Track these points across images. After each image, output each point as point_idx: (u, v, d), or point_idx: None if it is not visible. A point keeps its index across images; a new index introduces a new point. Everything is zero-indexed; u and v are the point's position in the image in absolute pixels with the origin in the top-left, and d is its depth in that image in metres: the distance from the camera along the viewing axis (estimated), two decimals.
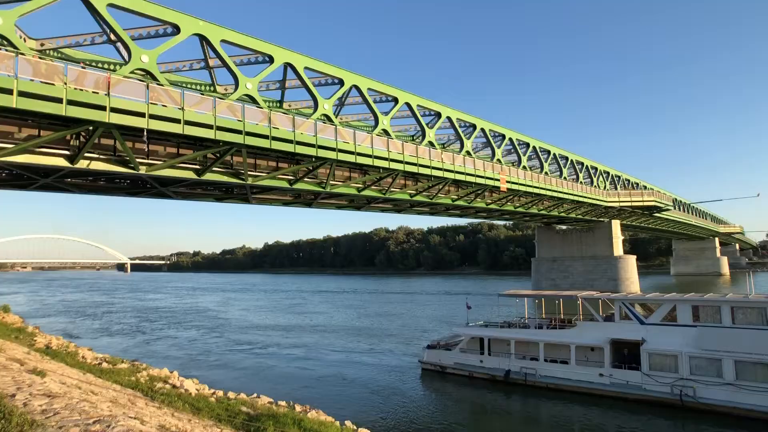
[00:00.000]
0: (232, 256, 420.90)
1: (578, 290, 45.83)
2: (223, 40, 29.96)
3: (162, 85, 26.21)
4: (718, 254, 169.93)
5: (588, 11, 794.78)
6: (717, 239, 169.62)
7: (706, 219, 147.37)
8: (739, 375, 24.08)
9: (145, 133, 25.26)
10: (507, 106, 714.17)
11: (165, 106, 25.60)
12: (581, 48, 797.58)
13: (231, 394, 20.20)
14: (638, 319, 28.82)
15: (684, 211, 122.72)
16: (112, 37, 27.00)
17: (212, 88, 36.44)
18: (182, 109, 26.05)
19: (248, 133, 28.96)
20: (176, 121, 25.83)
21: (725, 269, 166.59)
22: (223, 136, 27.89)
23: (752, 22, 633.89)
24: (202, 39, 29.54)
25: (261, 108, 30.71)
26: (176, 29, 28.13)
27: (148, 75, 26.47)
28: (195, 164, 30.86)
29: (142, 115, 24.47)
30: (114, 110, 23.40)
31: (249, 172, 33.08)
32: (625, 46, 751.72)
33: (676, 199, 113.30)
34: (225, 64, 30.35)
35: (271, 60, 32.81)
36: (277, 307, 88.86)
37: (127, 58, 26.09)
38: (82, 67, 24.39)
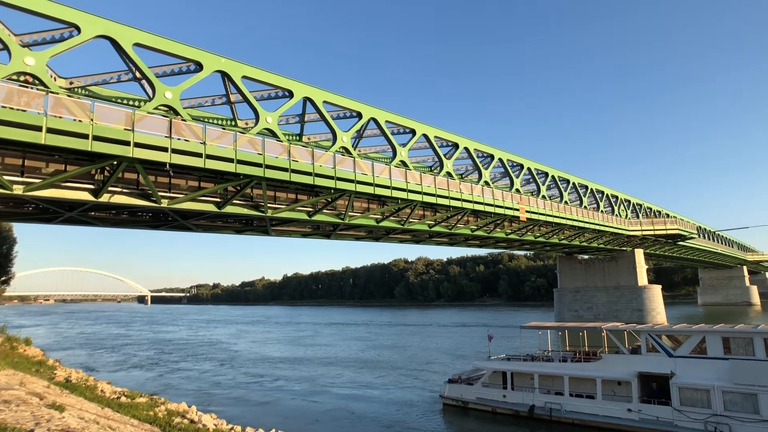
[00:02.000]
0: (251, 288, 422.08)
1: (602, 321, 44.70)
2: (244, 76, 30.78)
3: (184, 120, 26.89)
4: (747, 283, 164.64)
5: (608, 31, 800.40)
6: (745, 267, 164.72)
7: (732, 247, 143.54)
8: None
9: (167, 167, 25.80)
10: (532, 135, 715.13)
11: (187, 140, 26.20)
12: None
13: (249, 430, 19.88)
14: (666, 352, 27.80)
15: (708, 239, 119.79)
16: (137, 74, 27.94)
17: (233, 123, 37.27)
18: (204, 143, 26.62)
19: (268, 166, 29.39)
20: (198, 155, 26.37)
21: (755, 298, 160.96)
22: (243, 170, 28.33)
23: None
24: (224, 75, 30.40)
25: (281, 141, 31.23)
26: (199, 66, 29.03)
27: (171, 111, 27.22)
28: (216, 197, 31.33)
29: (164, 149, 25.03)
30: (138, 145, 24.01)
31: (268, 205, 33.44)
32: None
33: (700, 227, 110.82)
34: (246, 99, 31.10)
35: (290, 95, 33.52)
36: (292, 340, 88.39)
37: (151, 95, 26.92)
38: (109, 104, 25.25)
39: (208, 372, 52.09)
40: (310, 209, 36.69)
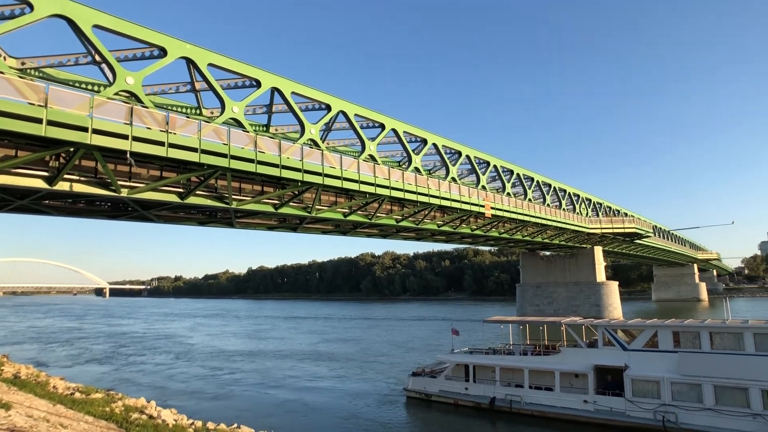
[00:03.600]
0: (214, 281, 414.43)
1: (562, 316, 45.88)
2: (210, 64, 30.02)
3: (147, 107, 26.07)
4: (697, 280, 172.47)
5: (578, 43, 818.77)
6: (696, 265, 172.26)
7: (685, 245, 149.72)
8: (719, 400, 24.20)
9: (128, 156, 24.96)
10: (495, 136, 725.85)
11: (149, 128, 25.40)
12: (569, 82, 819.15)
13: (210, 425, 19.56)
14: (621, 345, 28.86)
15: (664, 237, 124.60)
16: (97, 58, 26.85)
17: (198, 111, 36.36)
18: (167, 131, 25.87)
19: (233, 157, 28.81)
20: (160, 143, 25.59)
21: (704, 295, 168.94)
22: (207, 160, 27.68)
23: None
24: (189, 62, 29.57)
25: (247, 132, 30.65)
26: (163, 52, 28.14)
27: (132, 97, 26.32)
28: (178, 187, 30.52)
29: (125, 137, 24.19)
30: (96, 132, 23.11)
31: (233, 196, 32.81)
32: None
33: (656, 226, 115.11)
34: (212, 88, 30.34)
35: (258, 84, 32.92)
36: (248, 334, 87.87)
37: (111, 80, 25.94)
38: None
39: (165, 366, 51.35)
40: (277, 202, 36.23)
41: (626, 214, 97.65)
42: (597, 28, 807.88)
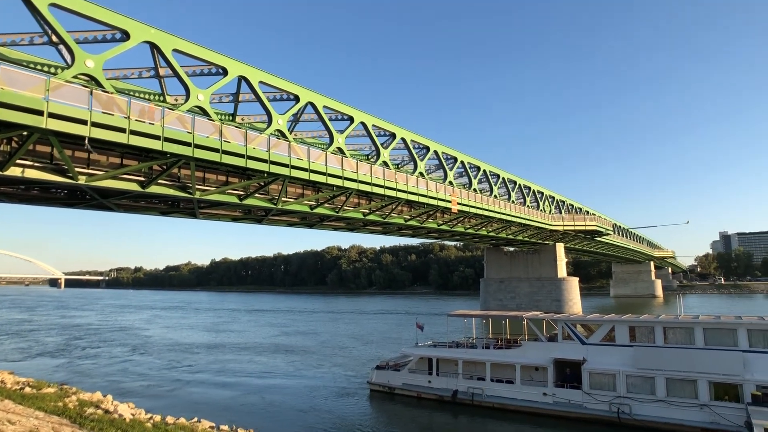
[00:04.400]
0: (176, 272, 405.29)
1: (524, 311, 46.90)
2: (175, 50, 29.15)
3: (107, 92, 25.13)
4: (653, 277, 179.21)
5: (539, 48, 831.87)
6: (652, 263, 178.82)
7: (642, 243, 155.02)
8: (670, 391, 25.30)
9: (86, 142, 24.02)
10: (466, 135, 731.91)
11: (110, 114, 24.51)
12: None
13: (170, 419, 19.17)
14: (580, 340, 29.73)
15: (623, 235, 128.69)
16: (54, 38, 25.65)
17: (162, 98, 35.28)
18: (128, 118, 24.99)
19: (198, 146, 28.09)
20: (121, 130, 24.70)
21: (659, 291, 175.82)
22: (170, 148, 26.90)
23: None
24: (153, 47, 28.62)
25: (212, 120, 29.95)
26: (126, 35, 27.14)
27: (92, 81, 25.33)
28: (140, 176, 29.60)
29: (83, 122, 23.23)
30: (53, 116, 22.12)
31: (197, 186, 32.05)
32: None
33: (615, 224, 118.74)
34: (176, 74, 29.46)
35: (224, 72, 32.18)
36: (206, 327, 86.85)
37: (70, 62, 24.85)
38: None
39: (121, 359, 50.27)
40: (242, 193, 35.61)
41: (588, 212, 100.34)
42: (567, 27, 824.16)
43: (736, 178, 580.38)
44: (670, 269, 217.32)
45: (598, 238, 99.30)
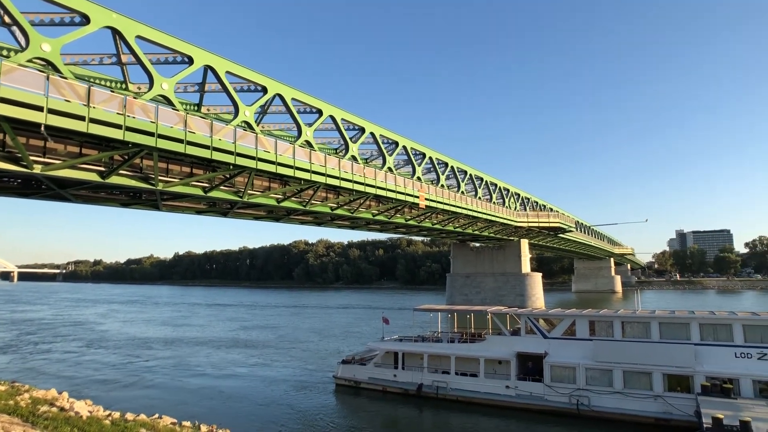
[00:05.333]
0: (138, 266, 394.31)
1: (489, 305, 47.70)
2: (138, 36, 28.24)
3: (65, 77, 24.17)
4: (613, 273, 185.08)
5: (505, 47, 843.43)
6: (612, 260, 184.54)
7: (603, 240, 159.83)
8: (627, 383, 26.26)
9: (42, 129, 23.06)
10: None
11: (68, 101, 23.58)
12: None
13: (129, 416, 18.70)
14: (542, 334, 30.46)
15: (585, 232, 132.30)
16: (6, 19, 24.45)
17: (124, 86, 34.21)
18: (88, 105, 24.13)
19: (161, 136, 27.35)
20: (80, 118, 23.82)
21: (618, 287, 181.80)
22: (132, 138, 26.11)
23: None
24: (115, 33, 27.66)
25: (177, 110, 29.21)
26: (85, 19, 26.12)
27: (49, 66, 24.31)
28: (100, 166, 28.62)
29: (39, 108, 22.30)
30: (5, 101, 21.15)
31: (160, 178, 31.22)
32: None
33: (578, 222, 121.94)
34: (139, 62, 28.59)
35: (190, 61, 31.39)
36: (164, 321, 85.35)
37: (24, 45, 23.77)
38: None
39: (75, 354, 48.90)
40: (206, 185, 34.89)
41: (551, 210, 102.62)
42: (535, 24, 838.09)
43: (692, 179, 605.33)
44: (629, 266, 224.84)
45: (561, 235, 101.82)
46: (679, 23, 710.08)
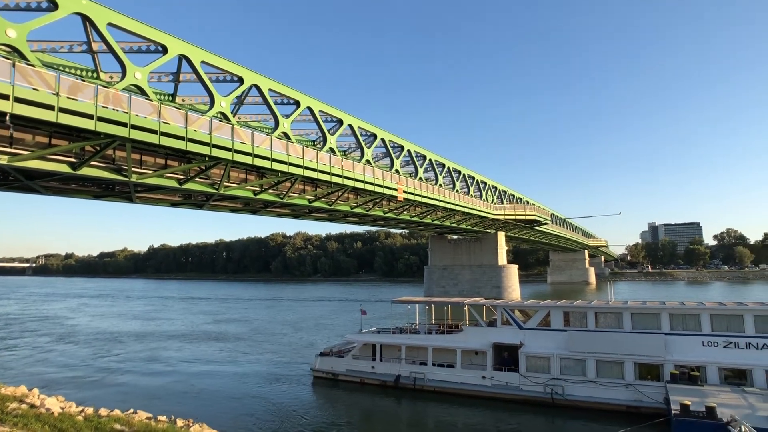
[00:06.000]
0: (111, 259, 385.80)
1: (466, 297, 48.25)
2: (110, 24, 27.46)
3: (33, 65, 23.42)
4: (587, 265, 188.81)
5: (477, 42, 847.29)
6: (586, 252, 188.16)
7: (578, 233, 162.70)
8: (599, 373, 26.96)
9: (7, 118, 22.32)
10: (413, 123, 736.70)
11: (36, 89, 22.87)
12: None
13: (103, 411, 18.39)
14: (517, 324, 30.97)
15: (560, 225, 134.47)
16: None
17: (95, 75, 33.29)
18: (57, 94, 23.44)
19: (134, 127, 26.75)
20: (49, 107, 23.13)
21: (592, 278, 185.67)
22: (105, 128, 25.48)
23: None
24: (86, 19, 26.88)
25: (150, 100, 28.60)
26: (53, 5, 25.27)
27: (15, 52, 23.51)
28: (70, 157, 27.87)
29: (5, 97, 21.58)
30: None
31: (134, 169, 30.55)
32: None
33: (553, 214, 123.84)
34: (111, 50, 27.83)
35: (164, 50, 30.70)
36: (136, 315, 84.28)
37: None
38: None
39: (44, 349, 48.10)
40: (182, 177, 34.31)
41: (528, 202, 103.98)
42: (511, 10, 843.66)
43: (664, 173, 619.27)
44: (602, 258, 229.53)
45: (537, 227, 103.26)
46: (649, 15, 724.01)
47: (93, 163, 28.65)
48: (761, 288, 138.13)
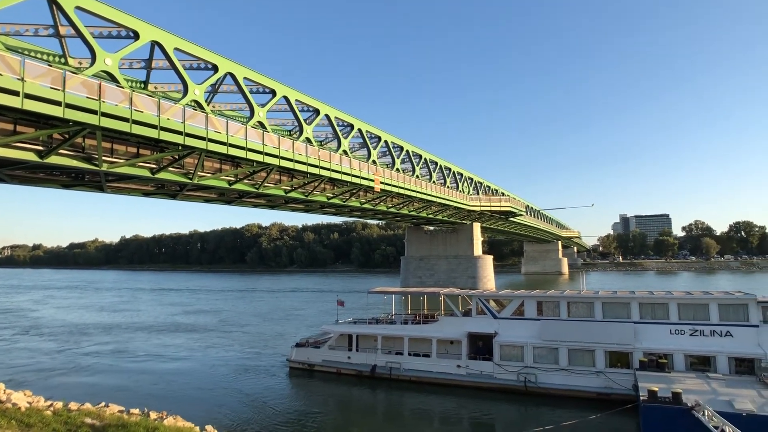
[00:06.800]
0: (81, 250, 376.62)
1: (442, 287, 48.68)
2: (78, 7, 26.59)
3: None
4: (560, 256, 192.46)
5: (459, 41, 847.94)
6: (560, 242, 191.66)
7: (551, 224, 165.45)
8: (571, 361, 27.61)
9: None
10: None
11: (0, 74, 22.05)
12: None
13: (73, 405, 18.03)
14: (492, 314, 31.45)
15: (534, 216, 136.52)
16: None
17: (63, 60, 32.24)
18: (22, 79, 22.64)
19: (105, 114, 26.03)
20: (13, 93, 22.32)
21: (565, 269, 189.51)
22: (73, 115, 24.74)
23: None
24: (52, 2, 25.97)
25: (122, 87, 27.87)
26: None
27: None
28: (37, 144, 27.00)
29: None
30: None
31: (104, 158, 29.77)
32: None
33: (528, 206, 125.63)
34: (80, 35, 26.96)
35: (136, 36, 29.89)
36: (104, 307, 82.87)
37: None
38: None
39: (7, 343, 47.08)
40: (154, 166, 33.60)
41: (503, 194, 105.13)
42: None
43: (636, 166, 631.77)
44: (575, 248, 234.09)
45: (512, 219, 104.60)
46: (621, 8, 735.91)
47: (61, 151, 27.83)
48: (725, 278, 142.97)
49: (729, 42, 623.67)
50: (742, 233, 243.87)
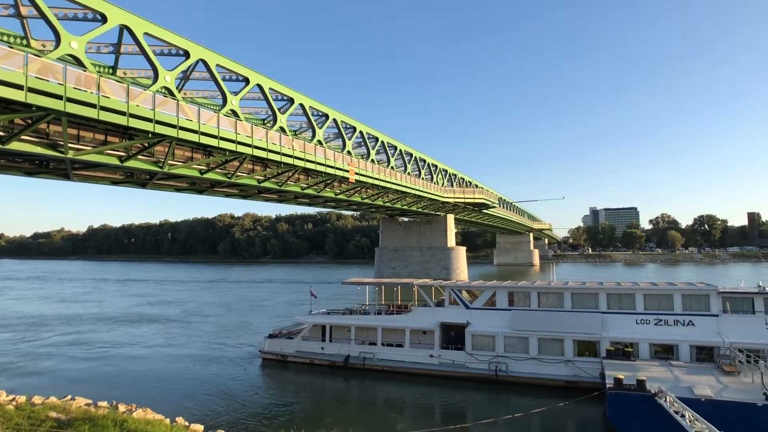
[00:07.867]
0: (46, 239, 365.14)
1: (416, 278, 49.09)
2: None
3: None
4: (532, 247, 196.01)
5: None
6: (531, 234, 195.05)
7: (523, 216, 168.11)
8: (541, 350, 28.26)
9: None
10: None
11: None
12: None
13: (37, 399, 17.57)
14: (464, 304, 31.88)
15: (507, 208, 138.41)
16: None
17: (25, 42, 31.01)
18: None
19: (71, 100, 25.18)
20: None
21: (536, 260, 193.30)
22: (37, 100, 23.85)
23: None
24: None
25: (88, 72, 26.99)
26: None
27: None
28: None
29: None
30: None
31: (70, 145, 28.86)
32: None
33: (501, 198, 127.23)
34: (42, 16, 25.97)
35: (103, 19, 28.93)
36: (64, 298, 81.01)
37: None
38: None
39: None
40: (123, 154, 32.74)
41: (477, 186, 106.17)
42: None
43: (605, 159, 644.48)
44: (546, 240, 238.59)
45: (485, 211, 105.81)
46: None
47: (24, 137, 26.88)
48: (689, 269, 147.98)
49: (695, 38, 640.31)
50: (706, 226, 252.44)
